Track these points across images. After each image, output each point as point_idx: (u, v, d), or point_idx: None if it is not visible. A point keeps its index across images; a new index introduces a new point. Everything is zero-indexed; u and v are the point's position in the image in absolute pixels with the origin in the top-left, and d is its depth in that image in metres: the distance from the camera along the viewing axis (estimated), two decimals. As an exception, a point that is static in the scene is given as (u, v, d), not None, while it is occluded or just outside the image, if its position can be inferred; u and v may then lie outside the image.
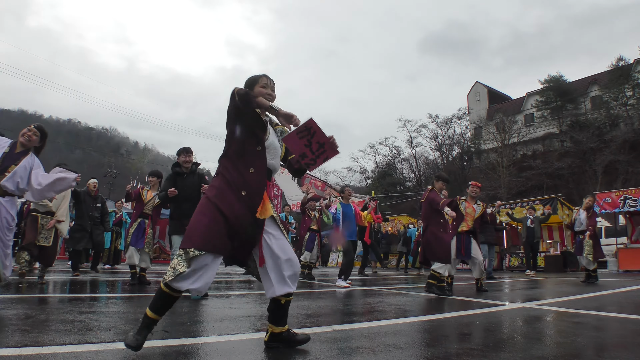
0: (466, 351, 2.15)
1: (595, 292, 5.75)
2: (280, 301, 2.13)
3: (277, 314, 2.16)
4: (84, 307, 3.51)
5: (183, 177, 4.86)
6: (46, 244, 5.55)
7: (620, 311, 3.88)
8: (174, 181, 4.85)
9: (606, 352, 2.19)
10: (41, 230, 5.53)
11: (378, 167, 46.21)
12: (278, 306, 2.14)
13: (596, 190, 18.45)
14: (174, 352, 2.05)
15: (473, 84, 45.42)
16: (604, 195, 13.01)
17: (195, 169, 4.94)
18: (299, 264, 2.17)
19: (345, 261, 6.94)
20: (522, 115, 39.58)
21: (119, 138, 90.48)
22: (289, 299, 2.15)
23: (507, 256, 15.22)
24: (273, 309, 2.16)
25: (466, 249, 6.11)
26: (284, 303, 2.14)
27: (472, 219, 6.24)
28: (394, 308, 4.03)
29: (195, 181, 4.80)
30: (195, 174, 4.90)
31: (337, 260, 23.25)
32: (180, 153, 4.96)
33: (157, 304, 1.94)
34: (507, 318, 3.46)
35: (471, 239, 6.16)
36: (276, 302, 2.14)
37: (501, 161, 34.37)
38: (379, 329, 2.83)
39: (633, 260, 11.79)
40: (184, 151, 4.94)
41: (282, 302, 2.13)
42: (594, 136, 29.92)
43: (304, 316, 3.33)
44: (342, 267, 6.97)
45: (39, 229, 5.51)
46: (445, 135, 42.82)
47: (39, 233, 5.51)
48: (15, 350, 1.94)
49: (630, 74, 31.25)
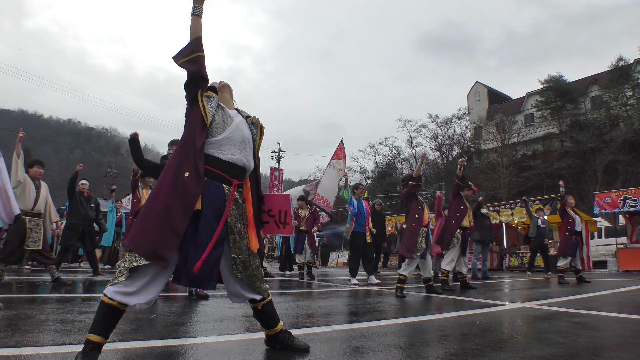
0: (466, 351, 2.15)
1: (595, 292, 5.75)
2: (257, 307, 2.06)
3: (262, 318, 2.10)
4: (84, 307, 3.51)
5: None
6: (36, 247, 5.26)
7: (620, 311, 3.88)
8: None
9: (606, 352, 2.19)
10: (30, 234, 5.20)
11: (378, 167, 46.23)
12: (257, 312, 2.09)
13: (596, 190, 18.44)
14: (174, 352, 2.05)
15: (473, 84, 45.43)
16: (604, 195, 13.02)
17: None
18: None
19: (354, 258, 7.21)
20: (522, 115, 39.58)
21: (119, 138, 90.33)
22: (265, 302, 2.07)
23: (507, 256, 15.22)
24: (256, 315, 2.10)
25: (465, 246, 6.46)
26: (261, 308, 2.06)
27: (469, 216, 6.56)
28: (394, 308, 4.03)
29: None
30: None
31: (337, 260, 23.24)
32: (169, 145, 4.69)
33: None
34: (507, 318, 3.46)
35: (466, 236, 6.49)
36: (254, 309, 2.09)
37: (501, 161, 34.37)
38: (379, 329, 2.83)
39: (633, 260, 11.80)
40: (172, 143, 4.66)
41: (258, 308, 2.06)
42: (593, 136, 29.92)
43: (304, 316, 3.33)
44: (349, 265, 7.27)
45: (27, 233, 5.17)
46: (445, 135, 42.87)
47: (28, 237, 5.17)
48: (15, 350, 1.94)
49: (630, 74, 31.26)
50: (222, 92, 2.21)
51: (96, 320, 1.72)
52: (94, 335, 1.70)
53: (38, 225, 5.34)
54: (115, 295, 1.70)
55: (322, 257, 23.54)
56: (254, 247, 1.99)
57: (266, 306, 2.08)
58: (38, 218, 5.38)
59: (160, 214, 1.74)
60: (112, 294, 1.71)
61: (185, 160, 1.84)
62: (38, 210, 5.38)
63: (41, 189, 5.46)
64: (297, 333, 2.58)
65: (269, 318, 2.10)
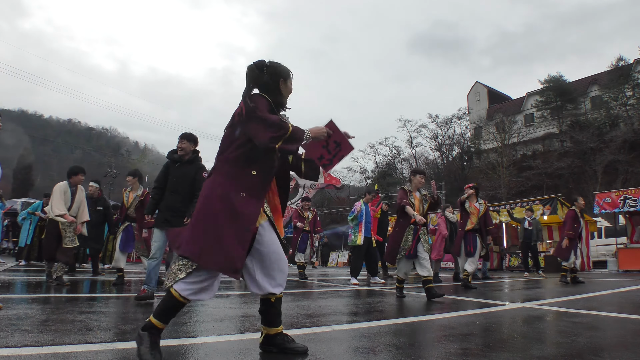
0: (466, 351, 2.15)
1: (595, 292, 5.75)
2: (270, 299, 2.06)
3: (271, 314, 2.08)
4: (84, 307, 3.51)
5: (175, 165, 4.27)
6: (73, 244, 5.74)
7: (620, 311, 3.88)
8: (166, 169, 4.32)
9: (606, 352, 2.19)
10: (65, 234, 5.66)
11: (378, 167, 46.25)
12: (268, 305, 2.07)
13: (596, 190, 18.44)
14: (174, 351, 2.05)
15: (473, 84, 45.43)
16: (604, 195, 13.01)
17: (194, 159, 4.30)
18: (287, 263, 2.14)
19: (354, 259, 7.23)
20: (522, 115, 39.59)
21: (119, 138, 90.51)
22: (278, 296, 2.07)
23: (507, 256, 15.22)
24: (264, 310, 2.09)
25: (474, 247, 6.50)
26: (274, 301, 2.06)
27: (477, 217, 6.51)
28: (394, 308, 4.03)
29: (188, 172, 4.18)
30: (193, 164, 4.26)
31: (337, 260, 23.24)
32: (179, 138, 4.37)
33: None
34: (507, 318, 3.46)
35: (477, 237, 6.46)
36: (266, 302, 2.08)
37: (501, 161, 34.38)
38: (379, 328, 2.83)
39: (633, 260, 11.80)
40: (180, 136, 4.34)
41: (271, 300, 2.06)
42: (593, 136, 29.92)
43: (304, 316, 3.33)
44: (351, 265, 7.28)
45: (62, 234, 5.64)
46: (445, 135, 42.86)
47: (64, 237, 5.65)
48: (15, 350, 1.94)
49: (630, 74, 31.27)
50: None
51: (160, 308, 1.90)
52: (157, 320, 1.88)
53: (71, 225, 5.74)
54: (182, 291, 1.87)
55: (322, 257, 23.53)
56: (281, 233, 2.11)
57: (278, 301, 2.09)
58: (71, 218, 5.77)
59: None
60: (181, 290, 1.87)
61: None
62: (71, 213, 5.75)
63: (77, 194, 5.85)
64: (298, 333, 2.58)
65: (276, 315, 2.08)
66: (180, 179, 4.16)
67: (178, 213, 4.03)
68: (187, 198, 4.09)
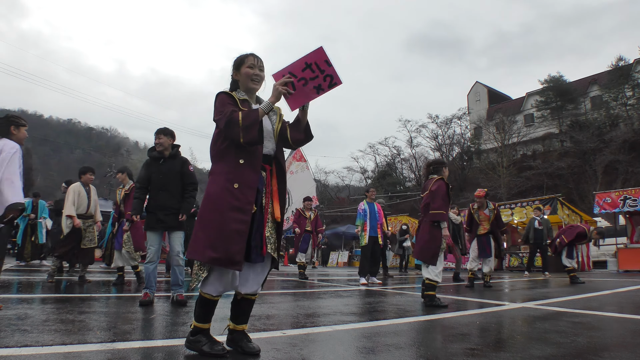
0: (466, 351, 2.15)
1: (595, 292, 5.75)
2: (251, 298, 2.14)
3: (244, 311, 2.15)
4: (84, 307, 3.51)
5: (159, 162, 4.08)
6: (92, 245, 5.91)
7: (620, 311, 3.88)
8: (149, 167, 4.14)
9: (606, 352, 2.19)
10: (85, 234, 5.83)
11: (378, 167, 46.21)
12: (245, 303, 2.14)
13: (596, 190, 18.44)
14: (174, 352, 2.05)
15: (473, 84, 45.43)
16: (604, 195, 13.01)
17: (175, 153, 4.14)
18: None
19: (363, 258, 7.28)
20: (522, 115, 39.57)
21: (119, 138, 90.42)
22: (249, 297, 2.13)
23: (507, 256, 15.22)
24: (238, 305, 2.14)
25: (490, 249, 6.75)
26: (240, 299, 2.12)
27: (488, 222, 6.66)
28: (394, 308, 4.03)
29: (174, 167, 4.05)
30: (176, 159, 4.12)
31: (337, 260, 23.23)
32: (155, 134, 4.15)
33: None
34: (507, 318, 3.46)
35: (490, 238, 6.64)
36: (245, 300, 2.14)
37: (501, 161, 34.34)
38: (379, 329, 2.83)
39: (633, 260, 11.79)
40: (157, 132, 4.12)
41: (237, 298, 2.13)
42: (593, 136, 29.90)
43: (303, 316, 3.33)
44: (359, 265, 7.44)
45: (83, 234, 5.79)
46: (445, 135, 42.80)
47: (84, 237, 5.81)
48: (15, 350, 1.94)
49: (630, 74, 31.25)
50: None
51: (198, 311, 2.04)
52: (200, 323, 2.02)
53: (91, 226, 5.95)
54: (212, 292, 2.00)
55: (322, 257, 23.52)
56: (277, 216, 2.12)
57: (248, 302, 2.15)
58: (91, 219, 5.98)
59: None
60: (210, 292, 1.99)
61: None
62: (90, 213, 5.95)
63: (91, 194, 5.99)
64: (298, 333, 2.58)
65: (248, 312, 2.16)
66: (168, 176, 4.02)
67: (171, 211, 3.96)
68: (179, 194, 4.04)
